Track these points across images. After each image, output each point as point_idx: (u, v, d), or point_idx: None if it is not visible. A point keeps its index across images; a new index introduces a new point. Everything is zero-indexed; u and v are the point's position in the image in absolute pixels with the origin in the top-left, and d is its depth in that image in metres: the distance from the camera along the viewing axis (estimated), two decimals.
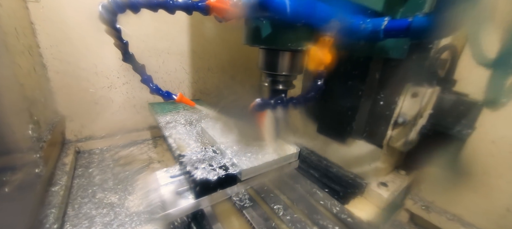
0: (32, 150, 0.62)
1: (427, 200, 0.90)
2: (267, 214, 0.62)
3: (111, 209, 0.84)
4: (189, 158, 0.65)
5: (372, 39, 0.41)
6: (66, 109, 1.10)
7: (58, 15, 0.95)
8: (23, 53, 0.78)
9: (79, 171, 1.02)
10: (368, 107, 0.64)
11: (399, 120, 0.59)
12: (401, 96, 0.58)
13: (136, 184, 0.99)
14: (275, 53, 0.46)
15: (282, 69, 0.47)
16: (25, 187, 0.54)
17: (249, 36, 0.45)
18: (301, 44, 0.40)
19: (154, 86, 0.50)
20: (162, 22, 1.20)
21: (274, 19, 0.37)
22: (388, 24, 0.39)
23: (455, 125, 0.62)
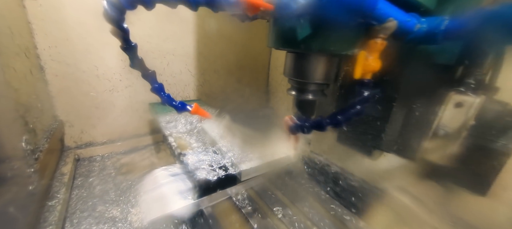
0: (25, 164, 0.55)
1: (456, 215, 0.83)
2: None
3: (113, 224, 0.77)
4: (189, 157, 0.65)
5: (427, 41, 0.35)
6: (65, 114, 1.03)
7: (57, 14, 0.89)
8: (18, 55, 0.72)
9: (79, 181, 0.95)
10: (401, 117, 0.57)
11: (440, 132, 0.52)
12: (442, 106, 0.51)
13: (139, 194, 0.93)
14: (306, 58, 0.40)
15: (314, 76, 0.40)
16: (16, 208, 0.47)
17: (279, 38, 0.38)
18: (346, 48, 0.34)
19: (165, 96, 0.44)
20: (167, 23, 1.14)
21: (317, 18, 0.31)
22: (449, 25, 0.33)
23: (499, 137, 0.55)
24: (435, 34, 0.34)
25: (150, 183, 0.61)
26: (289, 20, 0.32)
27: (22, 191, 0.51)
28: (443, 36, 0.33)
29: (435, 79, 0.51)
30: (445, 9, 0.43)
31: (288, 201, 0.65)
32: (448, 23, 0.33)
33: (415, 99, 0.55)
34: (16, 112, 0.59)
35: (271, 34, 0.40)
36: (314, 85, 0.42)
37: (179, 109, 0.46)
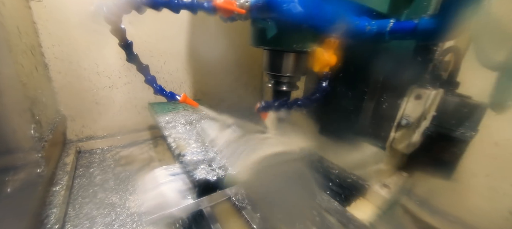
0: (34, 149, 0.61)
1: (430, 202, 0.90)
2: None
3: (112, 209, 0.84)
4: (189, 157, 0.65)
5: (377, 40, 0.41)
6: (68, 109, 1.10)
7: (61, 14, 0.95)
8: (25, 52, 0.78)
9: (80, 171, 1.02)
10: (372, 109, 0.64)
11: (403, 121, 0.59)
12: (405, 98, 0.58)
13: (137, 184, 0.99)
14: (279, 55, 0.46)
15: (286, 70, 0.47)
16: (26, 187, 0.54)
17: (254, 37, 0.44)
18: (307, 45, 0.40)
19: (157, 87, 0.50)
20: (164, 23, 1.20)
21: (280, 20, 0.37)
22: (393, 26, 0.39)
23: (458, 127, 0.61)
24: (383, 34, 0.40)
25: (150, 183, 0.60)
26: (260, 23, 0.39)
27: (32, 173, 0.58)
28: (389, 35, 0.40)
29: (399, 74, 0.57)
30: (401, 13, 0.50)
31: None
32: (392, 25, 0.39)
33: (383, 93, 0.61)
34: (24, 104, 0.65)
35: (250, 35, 0.47)
36: (286, 78, 0.49)
37: (169, 98, 0.52)
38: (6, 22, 0.65)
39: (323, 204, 0.64)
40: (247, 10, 0.35)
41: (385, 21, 0.40)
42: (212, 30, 1.36)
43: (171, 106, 1.16)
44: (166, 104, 1.20)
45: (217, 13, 0.36)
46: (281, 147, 0.65)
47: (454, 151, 0.64)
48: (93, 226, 0.76)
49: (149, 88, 0.60)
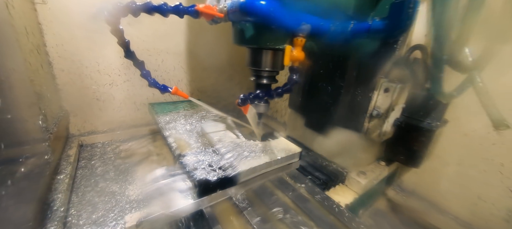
0: (41, 138, 0.68)
1: (408, 190, 0.96)
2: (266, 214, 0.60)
3: (113, 196, 0.90)
4: (189, 158, 0.65)
5: (342, 39, 0.48)
6: (70, 105, 1.16)
7: (64, 16, 1.02)
8: (32, 51, 0.85)
9: (82, 163, 1.08)
10: (348, 102, 0.70)
11: (374, 112, 0.65)
12: (375, 91, 0.64)
13: (136, 175, 1.05)
14: (258, 52, 0.53)
15: (265, 65, 0.53)
16: (35, 172, 0.60)
17: (235, 37, 0.51)
18: (279, 43, 0.46)
19: (152, 80, 0.57)
20: (161, 24, 1.26)
21: (254, 22, 0.44)
22: (353, 27, 0.46)
23: (425, 118, 0.68)
24: (345, 34, 0.46)
25: (151, 183, 0.61)
26: (238, 24, 0.45)
27: (41, 159, 0.64)
28: (350, 35, 0.46)
29: (369, 70, 0.63)
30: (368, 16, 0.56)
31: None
32: (353, 26, 0.46)
33: (357, 87, 0.67)
34: (32, 98, 0.72)
35: (232, 34, 0.53)
36: (266, 72, 0.55)
37: (162, 90, 0.59)
38: (16, 23, 0.72)
39: (306, 188, 0.69)
40: (225, 14, 0.41)
41: (347, 22, 0.46)
42: (207, 31, 1.43)
43: (171, 106, 1.20)
44: (166, 105, 1.24)
45: (200, 16, 0.42)
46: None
47: (422, 140, 0.70)
48: (95, 211, 0.83)
49: (147, 85, 0.66)
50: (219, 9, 0.41)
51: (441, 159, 0.85)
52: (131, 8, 0.41)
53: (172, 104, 1.25)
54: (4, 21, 0.60)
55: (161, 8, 0.41)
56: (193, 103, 1.23)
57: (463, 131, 0.79)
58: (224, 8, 0.41)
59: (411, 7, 0.38)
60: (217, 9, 0.41)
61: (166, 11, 0.41)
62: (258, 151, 0.68)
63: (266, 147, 0.71)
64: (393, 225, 0.90)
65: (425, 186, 0.92)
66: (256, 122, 0.66)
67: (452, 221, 0.82)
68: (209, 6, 0.41)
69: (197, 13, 0.41)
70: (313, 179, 0.74)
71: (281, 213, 0.59)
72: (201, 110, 1.16)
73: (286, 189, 0.68)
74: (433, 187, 0.89)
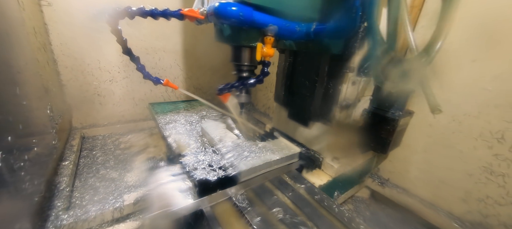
0: (50, 126, 0.77)
1: (384, 177, 1.05)
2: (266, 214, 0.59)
3: (113, 182, 0.99)
4: (189, 158, 0.66)
5: (306, 38, 0.56)
6: (73, 100, 1.25)
7: (68, 17, 1.11)
8: (39, 49, 0.94)
9: (84, 153, 1.17)
10: (321, 94, 0.79)
11: (343, 103, 0.74)
12: (344, 84, 0.73)
13: (134, 164, 1.14)
14: (238, 48, 0.61)
15: (244, 60, 0.62)
16: (44, 155, 0.69)
17: (216, 35, 0.60)
18: (252, 41, 0.55)
19: (146, 73, 0.65)
20: (158, 24, 1.33)
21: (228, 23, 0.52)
22: (315, 28, 0.54)
23: (389, 108, 0.76)
24: (309, 34, 0.55)
25: (151, 183, 0.62)
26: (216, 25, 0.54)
27: (49, 143, 0.73)
28: (313, 35, 0.55)
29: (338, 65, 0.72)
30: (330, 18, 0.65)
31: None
32: (315, 27, 0.54)
33: (329, 80, 0.76)
34: (42, 91, 0.81)
35: (214, 32, 0.62)
36: (246, 66, 0.64)
37: (155, 82, 0.67)
38: (26, 24, 0.80)
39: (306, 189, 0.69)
40: (204, 17, 0.50)
41: (310, 24, 0.55)
42: (201, 32, 1.51)
43: (171, 106, 1.21)
44: (166, 105, 1.28)
45: (185, 19, 0.51)
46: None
47: (388, 129, 0.78)
48: (96, 194, 0.92)
49: (145, 82, 0.75)
50: (200, 12, 0.49)
51: (411, 148, 0.93)
52: (128, 12, 0.50)
53: (172, 104, 1.28)
54: (18, 21, 0.69)
55: (152, 12, 0.50)
56: (193, 103, 1.31)
57: (428, 121, 0.87)
58: (203, 11, 0.49)
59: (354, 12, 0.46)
60: (199, 12, 0.50)
61: (156, 15, 0.50)
62: (258, 151, 0.69)
63: (266, 147, 0.72)
64: (372, 211, 0.99)
65: (397, 173, 1.00)
66: (238, 111, 0.75)
67: (418, 202, 0.90)
68: (192, 10, 0.49)
69: (182, 16, 0.50)
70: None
71: (281, 213, 0.58)
72: (201, 110, 1.17)
73: (286, 189, 0.68)
74: (404, 174, 0.98)
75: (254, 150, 0.69)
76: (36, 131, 0.66)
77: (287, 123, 1.00)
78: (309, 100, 0.83)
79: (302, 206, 0.61)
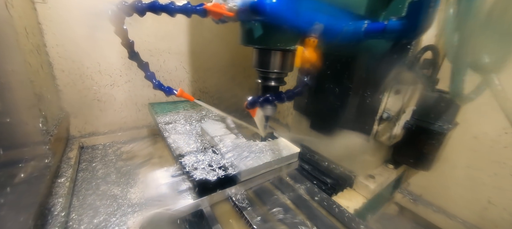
0: (42, 142, 0.66)
1: (415, 193, 0.94)
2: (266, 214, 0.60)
3: (114, 200, 0.88)
4: (189, 158, 0.65)
5: (354, 39, 0.46)
6: (71, 106, 1.14)
7: (64, 15, 1.00)
8: (32, 52, 0.83)
9: (83, 165, 1.07)
10: (356, 104, 0.68)
11: (384, 115, 0.63)
12: (385, 93, 0.63)
13: (138, 177, 1.04)
14: (267, 52, 0.51)
15: (273, 67, 0.52)
16: (35, 177, 0.58)
17: (243, 37, 0.49)
18: (289, 44, 0.44)
19: (156, 82, 0.55)
20: (163, 23, 1.24)
21: (264, 22, 0.42)
22: (367, 27, 0.44)
23: (436, 120, 0.66)
24: (359, 34, 0.45)
25: (151, 183, 0.62)
26: (247, 24, 0.43)
27: (41, 163, 0.62)
28: (364, 35, 0.44)
29: (380, 71, 0.62)
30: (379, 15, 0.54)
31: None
32: (367, 26, 0.44)
33: (366, 89, 0.66)
34: (33, 100, 0.70)
35: (239, 34, 0.51)
36: (274, 74, 0.53)
37: (167, 93, 0.57)
38: (16, 23, 0.70)
39: (311, 193, 0.68)
40: (234, 13, 0.39)
41: (360, 22, 0.44)
42: (209, 31, 1.41)
43: (171, 106, 1.19)
44: (166, 105, 1.23)
45: (208, 15, 0.40)
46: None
47: (432, 143, 0.68)
48: (97, 215, 0.81)
49: (149, 86, 0.65)
50: (228, 8, 0.39)
51: (450, 162, 0.83)
52: (137, 7, 0.39)
53: (172, 104, 1.24)
54: (4, 21, 0.58)
55: (168, 7, 0.39)
56: (193, 103, 1.21)
57: (472, 133, 0.77)
58: (233, 6, 0.39)
59: (432, 6, 0.36)
60: (226, 8, 0.39)
61: (174, 11, 0.40)
62: (258, 151, 0.68)
63: (266, 147, 0.72)
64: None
65: (433, 189, 0.90)
66: (263, 125, 0.65)
67: (461, 225, 0.80)
68: (217, 5, 0.39)
69: (205, 12, 0.39)
70: (319, 184, 0.72)
71: (281, 213, 0.58)
72: (201, 110, 1.14)
73: (286, 189, 0.68)
74: (441, 190, 0.88)
75: (254, 150, 0.68)
76: (24, 151, 0.55)
77: (309, 134, 0.90)
78: (339, 110, 0.73)
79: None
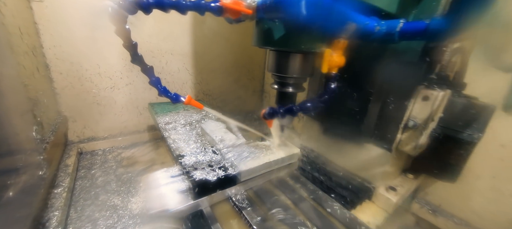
0: (35, 151, 0.61)
1: (434, 203, 0.89)
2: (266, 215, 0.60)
3: (115, 211, 0.83)
4: (189, 158, 0.65)
5: (387, 41, 0.41)
6: (69, 110, 1.09)
7: (62, 15, 0.95)
8: (27, 53, 0.78)
9: (82, 173, 1.01)
10: (378, 111, 0.63)
11: (410, 123, 0.58)
12: (412, 99, 0.57)
13: (139, 185, 0.98)
14: (285, 55, 0.46)
15: (292, 71, 0.46)
16: (28, 190, 0.53)
17: (259, 38, 0.44)
18: (315, 46, 0.39)
19: (162, 88, 0.50)
20: (165, 23, 1.19)
21: (288, 21, 0.36)
22: (404, 27, 0.38)
23: (465, 128, 0.61)
24: (393, 35, 0.39)
25: (150, 184, 0.61)
26: (266, 23, 0.38)
27: (34, 175, 0.57)
28: (399, 36, 0.39)
29: (405, 75, 0.56)
30: (409, 13, 0.49)
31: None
32: (403, 25, 0.39)
33: (389, 94, 0.60)
34: (26, 106, 0.65)
35: (254, 34, 0.46)
36: (292, 79, 0.48)
37: (173, 100, 0.52)
38: (8, 23, 0.64)
39: (326, 206, 0.63)
40: (253, 11, 0.34)
41: (395, 21, 0.39)
42: (213, 32, 1.36)
43: (171, 106, 1.15)
44: (166, 105, 1.19)
45: (224, 14, 0.35)
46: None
47: (460, 153, 0.63)
48: (95, 228, 0.76)
49: (150, 88, 0.60)
50: (247, 5, 0.34)
51: (473, 171, 0.77)
52: (142, 4, 0.34)
53: (172, 104, 1.20)
54: None
55: (179, 3, 0.34)
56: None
57: (499, 141, 0.72)
58: (252, 3, 0.34)
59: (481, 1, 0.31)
60: (245, 5, 0.34)
61: (185, 8, 0.34)
62: (258, 151, 0.68)
63: (266, 147, 0.71)
64: None
65: (453, 200, 0.84)
66: (279, 135, 0.60)
67: None
68: (236, 1, 0.34)
69: (221, 10, 0.34)
70: (336, 197, 0.66)
71: (281, 213, 0.58)
72: (201, 111, 1.11)
73: (286, 189, 0.68)
74: (463, 201, 0.82)
75: (254, 150, 0.68)
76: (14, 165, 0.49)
77: (321, 140, 0.85)
78: (358, 117, 0.68)
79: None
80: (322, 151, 0.86)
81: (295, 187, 0.70)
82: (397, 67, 0.56)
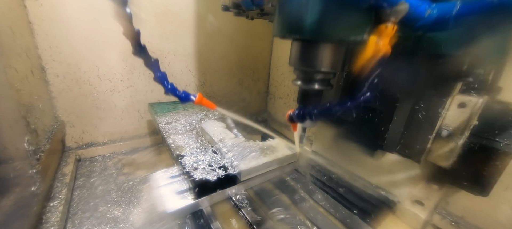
0: (28, 165, 0.55)
1: (456, 214, 0.83)
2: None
3: (115, 224, 0.77)
4: (188, 158, 0.65)
5: (437, 28, 0.35)
6: (66, 115, 1.03)
7: (58, 14, 0.89)
8: (19, 55, 0.72)
9: (80, 181, 0.95)
10: (405, 117, 0.57)
11: (443, 132, 0.52)
12: (445, 106, 0.52)
13: (141, 195, 0.92)
14: (314, 45, 0.39)
15: (321, 64, 0.39)
16: (18, 211, 0.47)
17: (283, 25, 0.37)
18: (356, 33, 0.33)
19: (169, 85, 0.44)
20: (168, 23, 1.13)
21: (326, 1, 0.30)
22: (461, 8, 0.32)
23: (501, 137, 0.55)
24: (446, 20, 0.33)
25: (150, 185, 0.62)
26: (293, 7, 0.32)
27: (25, 192, 0.51)
28: (454, 21, 0.33)
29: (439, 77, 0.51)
30: None
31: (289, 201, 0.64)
32: (460, 7, 0.32)
33: (419, 100, 0.55)
34: (18, 113, 0.59)
35: (276, 22, 0.40)
36: (320, 74, 0.42)
37: (182, 100, 0.46)
38: None
39: (345, 220, 0.58)
40: None
41: (450, 4, 0.33)
42: (216, 31, 1.30)
43: (171, 106, 1.13)
44: (166, 105, 1.15)
45: None
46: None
47: (495, 165, 0.57)
48: None
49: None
50: None
51: (501, 182, 0.72)
52: None
53: (172, 104, 1.17)
54: None
55: None
56: (193, 103, 1.13)
57: None
58: None
59: None
60: None
61: None
62: (258, 151, 0.68)
63: (266, 147, 0.71)
64: None
65: (478, 211, 0.79)
66: (299, 137, 0.55)
67: None
68: None
69: None
70: (351, 208, 0.61)
71: (281, 213, 0.58)
72: (201, 110, 1.12)
73: (286, 189, 0.68)
74: (488, 213, 0.76)
75: (254, 150, 0.68)
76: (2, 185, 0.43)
77: (335, 146, 0.79)
78: (382, 123, 0.62)
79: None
80: (335, 156, 0.80)
81: (312, 203, 0.64)
82: (429, 70, 0.50)
